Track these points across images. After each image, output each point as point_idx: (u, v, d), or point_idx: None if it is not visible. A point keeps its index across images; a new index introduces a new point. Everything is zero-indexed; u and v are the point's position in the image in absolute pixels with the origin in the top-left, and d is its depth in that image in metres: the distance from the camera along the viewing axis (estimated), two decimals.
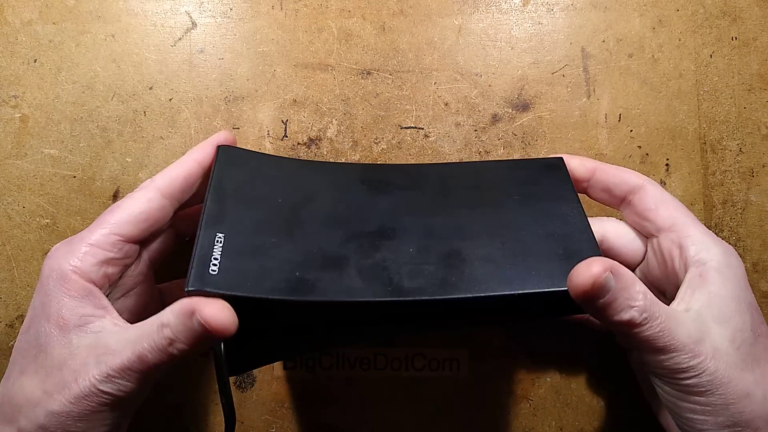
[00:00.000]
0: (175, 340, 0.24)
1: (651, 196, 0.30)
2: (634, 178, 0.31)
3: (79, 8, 0.38)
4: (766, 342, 0.26)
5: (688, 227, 0.28)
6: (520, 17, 0.38)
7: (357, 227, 0.28)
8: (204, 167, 0.30)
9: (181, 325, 0.24)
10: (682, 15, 0.38)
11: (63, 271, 0.26)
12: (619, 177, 0.31)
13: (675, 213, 0.29)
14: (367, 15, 0.38)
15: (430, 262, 0.27)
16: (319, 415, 0.37)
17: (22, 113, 0.37)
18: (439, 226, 0.29)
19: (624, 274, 0.24)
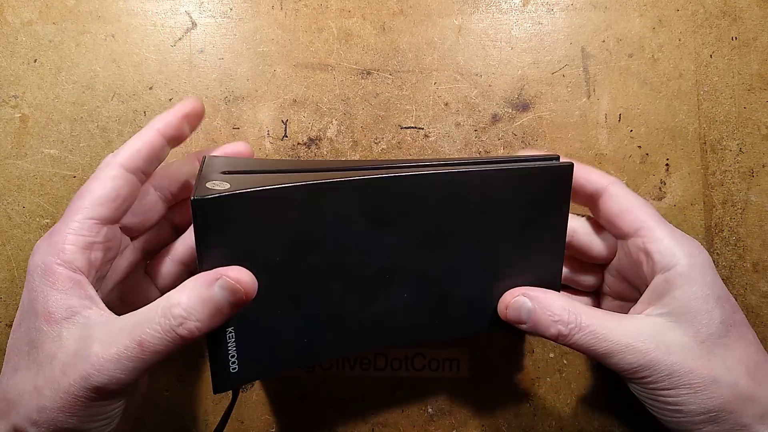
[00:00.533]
0: (188, 318, 0.24)
1: (615, 200, 0.29)
2: (598, 179, 0.30)
3: (79, 8, 0.38)
4: (741, 330, 0.27)
5: (653, 231, 0.28)
6: (520, 17, 0.38)
7: (357, 272, 0.29)
8: (167, 137, 0.29)
9: (196, 298, 0.24)
10: (682, 15, 0.38)
11: (47, 264, 0.25)
12: (585, 179, 0.30)
13: (640, 217, 0.29)
14: (367, 15, 0.38)
15: (421, 307, 0.30)
16: (319, 415, 0.37)
17: (22, 113, 0.37)
18: (433, 264, 0.30)
19: (540, 296, 0.29)
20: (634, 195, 0.29)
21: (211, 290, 0.25)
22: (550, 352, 0.37)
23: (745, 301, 0.37)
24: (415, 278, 0.30)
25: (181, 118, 0.29)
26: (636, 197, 0.29)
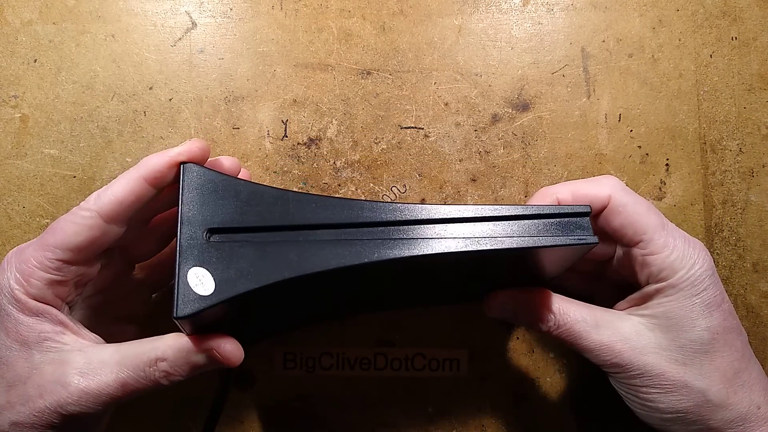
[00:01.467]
0: (173, 373, 0.25)
1: (617, 214, 0.28)
2: (598, 193, 0.28)
3: (79, 8, 0.38)
4: (729, 337, 0.27)
5: (653, 244, 0.27)
6: (520, 17, 0.38)
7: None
8: (153, 184, 0.27)
9: (182, 359, 0.25)
10: (682, 15, 0.38)
11: (13, 293, 0.25)
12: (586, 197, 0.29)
13: (640, 228, 0.28)
14: (367, 15, 0.38)
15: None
16: (319, 415, 0.37)
17: (22, 113, 0.37)
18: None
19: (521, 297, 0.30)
20: (635, 201, 0.28)
21: (198, 357, 0.25)
22: (550, 352, 0.37)
23: (745, 301, 0.37)
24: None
25: (170, 166, 0.27)
26: (637, 204, 0.28)
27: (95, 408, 0.25)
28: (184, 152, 0.27)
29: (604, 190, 0.28)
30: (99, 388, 0.24)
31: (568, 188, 0.29)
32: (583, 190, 0.29)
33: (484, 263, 0.28)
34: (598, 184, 0.29)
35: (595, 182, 0.29)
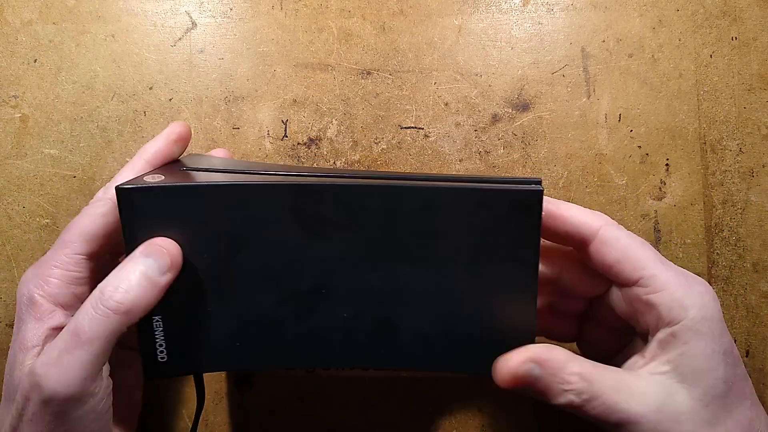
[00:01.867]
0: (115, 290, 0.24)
1: (609, 247, 0.26)
2: (587, 222, 0.26)
3: (79, 8, 0.38)
4: (741, 385, 0.25)
5: (656, 280, 0.25)
6: (520, 17, 0.38)
7: (291, 283, 0.27)
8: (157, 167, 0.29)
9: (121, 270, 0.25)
10: (682, 15, 0.38)
11: (31, 294, 0.26)
12: (571, 222, 0.27)
13: (639, 264, 0.25)
14: (367, 15, 0.38)
15: (362, 330, 0.27)
16: (319, 415, 0.37)
17: (22, 113, 0.37)
18: (376, 285, 0.27)
19: (551, 359, 0.25)
20: (629, 236, 0.26)
21: (136, 259, 0.25)
22: None
23: (745, 301, 0.37)
24: (355, 298, 0.27)
25: (170, 144, 0.29)
26: (631, 239, 0.26)
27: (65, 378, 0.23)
28: (172, 133, 0.29)
29: (596, 220, 0.26)
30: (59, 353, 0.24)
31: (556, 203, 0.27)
32: (574, 211, 0.27)
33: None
34: (590, 212, 0.27)
35: (587, 211, 0.27)
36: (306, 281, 0.27)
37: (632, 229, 0.37)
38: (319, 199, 0.26)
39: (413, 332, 0.27)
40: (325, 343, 0.28)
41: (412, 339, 0.27)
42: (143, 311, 0.25)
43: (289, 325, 0.27)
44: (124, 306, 0.24)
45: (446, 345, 0.27)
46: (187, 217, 0.26)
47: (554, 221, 0.27)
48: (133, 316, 0.24)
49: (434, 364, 0.28)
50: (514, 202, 0.25)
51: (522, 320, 0.26)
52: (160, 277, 0.25)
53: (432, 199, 0.26)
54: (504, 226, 0.25)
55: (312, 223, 0.26)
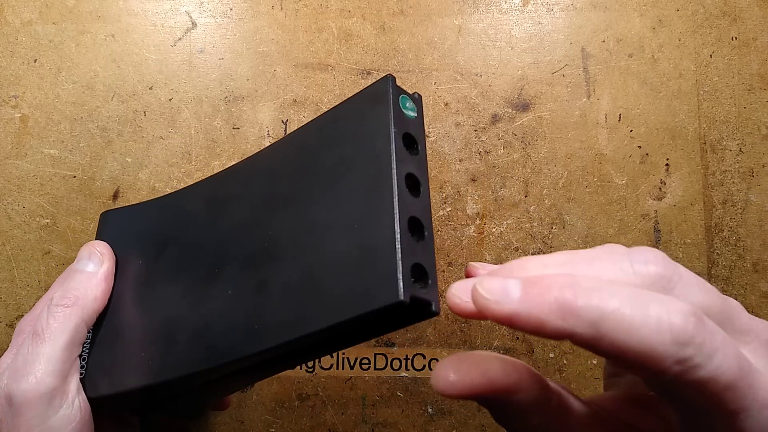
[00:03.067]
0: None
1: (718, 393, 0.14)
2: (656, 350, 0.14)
3: (79, 8, 0.38)
4: None
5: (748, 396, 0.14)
6: (520, 17, 0.38)
7: (191, 273, 0.26)
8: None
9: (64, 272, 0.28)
10: (682, 15, 0.38)
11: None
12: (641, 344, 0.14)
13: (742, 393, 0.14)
14: (367, 15, 0.38)
15: (240, 308, 0.23)
16: (319, 415, 0.37)
17: (22, 113, 0.37)
18: (258, 246, 0.23)
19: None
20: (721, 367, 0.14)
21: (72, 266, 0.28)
22: (550, 352, 0.37)
23: (745, 301, 0.37)
24: (238, 268, 0.24)
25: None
26: (724, 372, 0.14)
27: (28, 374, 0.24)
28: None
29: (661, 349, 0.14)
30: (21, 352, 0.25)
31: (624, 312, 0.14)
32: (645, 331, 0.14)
33: None
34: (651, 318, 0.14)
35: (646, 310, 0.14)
36: (203, 266, 0.25)
37: (632, 229, 0.37)
38: (227, 180, 0.27)
39: (282, 290, 0.22)
40: (213, 335, 0.23)
41: (281, 300, 0.21)
42: (94, 300, 0.26)
43: (187, 322, 0.24)
44: (71, 298, 0.26)
45: (312, 296, 0.21)
46: (135, 232, 0.29)
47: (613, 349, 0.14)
48: (85, 305, 0.26)
49: (301, 327, 0.20)
50: (369, 97, 0.22)
51: (381, 235, 0.19)
52: (95, 269, 0.27)
53: (302, 139, 0.24)
54: (360, 126, 0.22)
55: (217, 205, 0.26)
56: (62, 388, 0.24)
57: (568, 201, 0.37)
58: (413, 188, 0.20)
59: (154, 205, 0.30)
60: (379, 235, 0.19)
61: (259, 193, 0.25)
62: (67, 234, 0.37)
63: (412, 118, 0.22)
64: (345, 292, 0.19)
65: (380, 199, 0.19)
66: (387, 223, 0.19)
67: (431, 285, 0.19)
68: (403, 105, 0.21)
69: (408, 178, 0.20)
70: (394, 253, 0.18)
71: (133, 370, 0.25)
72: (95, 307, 0.26)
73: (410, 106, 0.22)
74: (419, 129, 0.22)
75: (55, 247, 0.37)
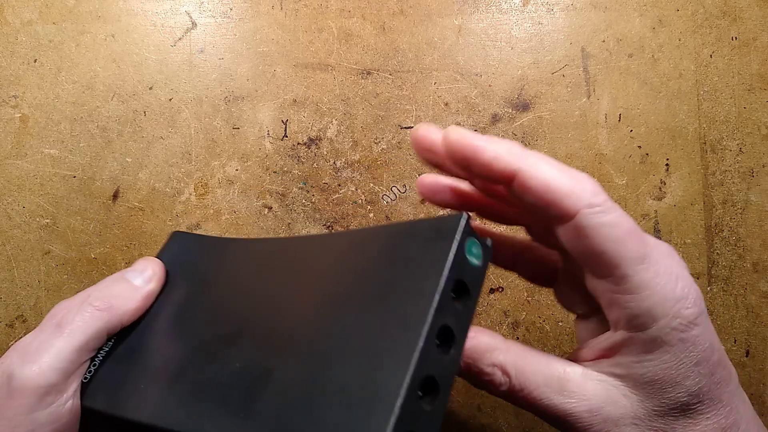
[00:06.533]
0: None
1: (583, 239, 0.20)
2: (566, 200, 0.20)
3: (79, 8, 0.38)
4: (715, 393, 0.22)
5: (628, 282, 0.20)
6: (520, 17, 0.38)
7: (218, 327, 0.25)
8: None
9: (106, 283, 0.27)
10: (682, 15, 0.38)
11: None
12: (542, 197, 0.20)
13: (613, 261, 0.20)
14: (367, 15, 0.38)
15: (239, 386, 0.22)
16: None
17: (22, 113, 0.37)
18: (281, 329, 0.23)
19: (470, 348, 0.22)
20: (610, 221, 0.20)
21: (123, 271, 0.28)
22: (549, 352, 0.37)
23: (745, 301, 0.37)
24: (255, 345, 0.23)
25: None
26: (613, 226, 0.20)
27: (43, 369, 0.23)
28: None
29: (575, 200, 0.20)
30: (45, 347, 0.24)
31: (539, 167, 0.20)
32: (555, 183, 0.20)
33: None
34: (574, 184, 0.20)
35: (572, 180, 0.20)
36: (230, 326, 0.25)
37: None
38: (283, 250, 0.27)
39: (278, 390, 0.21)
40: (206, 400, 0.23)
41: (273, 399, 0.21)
42: (125, 313, 0.26)
43: (191, 376, 0.24)
44: (106, 303, 0.25)
45: (301, 413, 0.20)
46: (188, 259, 0.29)
47: (521, 183, 0.20)
48: (115, 315, 0.26)
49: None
50: (434, 227, 0.21)
51: (389, 386, 0.18)
52: (142, 285, 0.27)
53: (362, 242, 0.23)
54: (415, 262, 0.20)
55: (265, 273, 0.26)
56: (61, 386, 0.24)
57: None
58: (445, 342, 0.19)
59: (222, 244, 0.30)
60: (387, 384, 0.17)
61: (303, 278, 0.24)
62: (67, 234, 0.37)
63: (473, 266, 0.20)
64: (332, 425, 0.18)
65: (403, 347, 0.18)
66: (398, 377, 0.17)
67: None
68: (468, 249, 0.20)
69: (443, 331, 0.19)
70: (389, 414, 0.16)
71: (132, 399, 0.24)
72: (124, 320, 0.26)
73: (476, 252, 0.21)
74: (477, 279, 0.20)
75: (55, 247, 0.37)
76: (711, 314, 0.37)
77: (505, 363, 0.23)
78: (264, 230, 0.37)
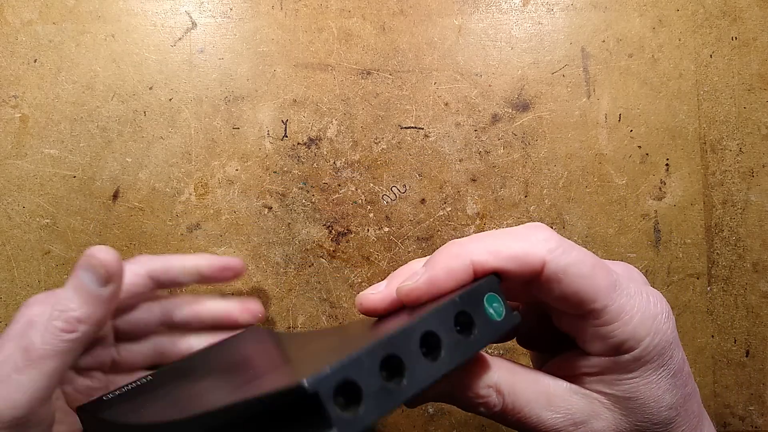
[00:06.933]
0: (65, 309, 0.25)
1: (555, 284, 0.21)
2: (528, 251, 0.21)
3: (79, 8, 0.38)
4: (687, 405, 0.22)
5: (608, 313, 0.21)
6: (520, 17, 0.38)
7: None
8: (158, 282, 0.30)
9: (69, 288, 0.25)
10: (682, 15, 0.38)
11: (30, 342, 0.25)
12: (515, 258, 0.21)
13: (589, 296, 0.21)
14: (367, 15, 0.38)
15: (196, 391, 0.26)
16: None
17: (22, 113, 0.37)
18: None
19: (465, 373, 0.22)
20: (576, 259, 0.21)
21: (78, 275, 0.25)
22: None
23: (745, 301, 0.37)
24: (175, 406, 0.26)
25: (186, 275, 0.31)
26: (579, 263, 0.21)
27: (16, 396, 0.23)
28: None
29: (537, 251, 0.21)
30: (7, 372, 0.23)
31: (486, 247, 0.21)
32: (509, 251, 0.21)
33: None
34: (526, 241, 0.21)
35: (522, 238, 0.21)
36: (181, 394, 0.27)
37: (632, 229, 0.37)
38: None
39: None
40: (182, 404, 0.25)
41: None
42: (93, 325, 0.25)
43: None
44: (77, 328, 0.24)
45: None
46: None
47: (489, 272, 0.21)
48: (84, 331, 0.24)
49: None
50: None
51: None
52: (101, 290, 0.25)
53: None
54: None
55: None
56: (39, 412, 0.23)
57: (568, 201, 0.37)
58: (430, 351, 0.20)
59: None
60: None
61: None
62: (67, 234, 0.37)
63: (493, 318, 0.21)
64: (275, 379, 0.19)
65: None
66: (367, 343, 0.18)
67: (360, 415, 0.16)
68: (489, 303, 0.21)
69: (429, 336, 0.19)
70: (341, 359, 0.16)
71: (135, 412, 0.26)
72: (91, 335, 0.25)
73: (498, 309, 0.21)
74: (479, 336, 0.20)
75: (55, 247, 0.37)
76: (711, 314, 0.37)
77: (499, 382, 0.22)
78: (264, 230, 0.37)
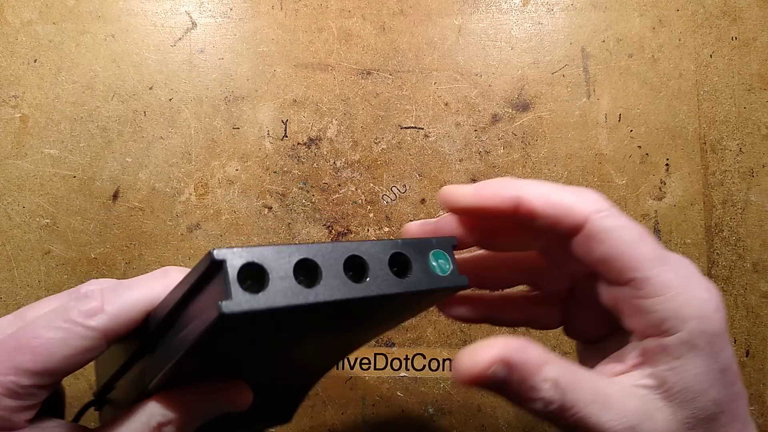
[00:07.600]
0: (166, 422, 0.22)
1: (597, 243, 0.21)
2: (573, 210, 0.21)
3: (79, 8, 0.38)
4: (734, 405, 0.22)
5: (651, 284, 0.20)
6: (520, 17, 0.38)
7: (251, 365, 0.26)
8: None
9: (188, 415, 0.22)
10: (682, 15, 0.38)
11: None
12: (554, 208, 0.21)
13: (632, 264, 0.20)
14: (367, 15, 0.38)
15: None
16: (319, 415, 0.37)
17: (22, 113, 0.37)
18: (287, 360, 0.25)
19: (523, 362, 0.21)
20: (624, 227, 0.21)
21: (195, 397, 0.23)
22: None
23: (745, 301, 0.37)
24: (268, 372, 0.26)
25: None
26: (627, 230, 0.21)
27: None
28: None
29: (583, 206, 0.20)
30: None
31: (537, 188, 0.21)
32: (557, 198, 0.21)
33: None
34: (578, 196, 0.21)
35: (574, 192, 0.21)
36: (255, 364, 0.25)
37: None
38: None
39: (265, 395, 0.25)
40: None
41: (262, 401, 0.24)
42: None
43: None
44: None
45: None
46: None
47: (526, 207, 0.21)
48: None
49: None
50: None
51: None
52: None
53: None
54: None
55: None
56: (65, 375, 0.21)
57: None
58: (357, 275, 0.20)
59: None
60: None
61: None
62: (67, 234, 0.37)
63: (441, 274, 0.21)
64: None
65: None
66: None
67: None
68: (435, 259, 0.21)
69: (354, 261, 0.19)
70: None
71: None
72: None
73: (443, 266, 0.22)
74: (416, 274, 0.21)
75: (55, 247, 0.37)
76: None
77: (558, 378, 0.21)
78: (264, 230, 0.37)
